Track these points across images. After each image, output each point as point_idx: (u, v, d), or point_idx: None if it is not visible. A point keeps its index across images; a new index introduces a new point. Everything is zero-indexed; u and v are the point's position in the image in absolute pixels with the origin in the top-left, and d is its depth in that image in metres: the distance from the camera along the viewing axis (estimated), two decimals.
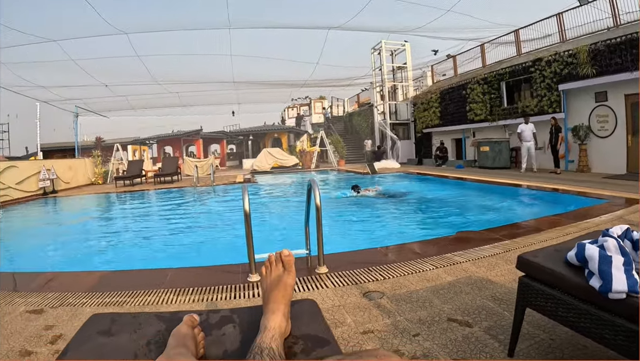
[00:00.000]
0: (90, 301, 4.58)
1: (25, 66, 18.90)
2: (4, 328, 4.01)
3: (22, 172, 19.40)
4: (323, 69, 23.40)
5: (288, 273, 1.52)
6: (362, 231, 9.48)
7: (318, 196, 4.78)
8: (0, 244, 10.91)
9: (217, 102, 32.47)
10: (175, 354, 1.22)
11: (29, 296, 4.94)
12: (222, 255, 7.60)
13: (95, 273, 5.90)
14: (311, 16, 16.69)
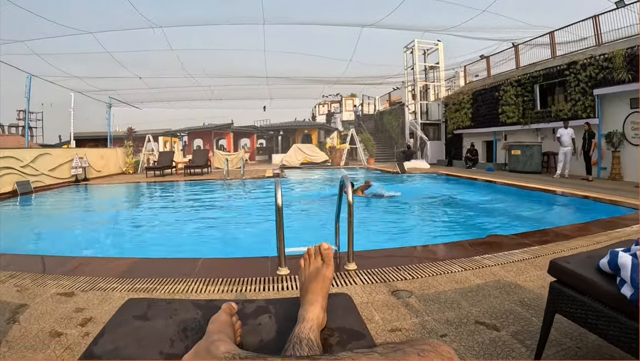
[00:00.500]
0: (120, 286, 4.68)
1: (61, 57, 19.18)
2: (34, 309, 4.11)
3: (55, 160, 19.79)
4: (356, 66, 23.31)
5: (327, 266, 1.53)
6: (389, 230, 9.46)
7: (350, 193, 4.80)
8: (33, 228, 11.16)
9: (249, 97, 32.54)
10: (216, 340, 1.24)
11: (60, 279, 5.06)
12: (250, 247, 7.67)
13: (125, 260, 5.99)
14: (346, 13, 16.61)
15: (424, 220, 10.75)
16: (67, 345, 3.34)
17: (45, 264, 6.00)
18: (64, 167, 20.42)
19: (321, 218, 10.83)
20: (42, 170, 18.74)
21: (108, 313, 3.93)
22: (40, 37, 16.32)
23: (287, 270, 4.97)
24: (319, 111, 54.84)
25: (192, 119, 46.26)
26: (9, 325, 3.79)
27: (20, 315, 3.99)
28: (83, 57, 19.54)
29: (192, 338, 1.43)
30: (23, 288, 4.76)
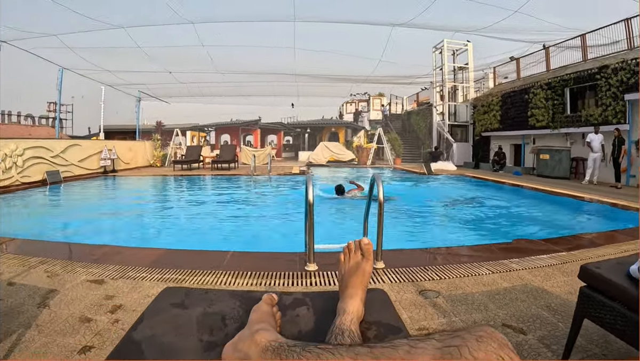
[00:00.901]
0: (149, 276, 4.75)
1: (93, 50, 19.40)
2: (64, 295, 4.20)
3: (85, 151, 20.09)
4: (385, 65, 23.21)
5: (366, 260, 1.53)
6: (416, 231, 9.45)
7: (381, 192, 4.80)
8: (62, 216, 11.33)
9: (277, 94, 32.58)
10: (260, 329, 1.26)
11: (90, 266, 5.16)
12: (277, 242, 7.72)
13: (154, 250, 6.09)
14: (377, 12, 16.53)
15: (450, 222, 10.70)
16: (97, 331, 3.41)
17: (75, 252, 6.11)
18: (93, 159, 20.72)
19: (347, 216, 10.85)
20: (72, 161, 19.06)
21: (138, 301, 4.02)
22: (73, 31, 16.54)
23: (315, 266, 5.01)
24: (346, 110, 54.73)
25: (220, 114, 46.57)
26: (39, 309, 3.87)
27: (50, 300, 4.08)
28: (114, 52, 19.74)
29: (230, 327, 1.46)
30: (53, 274, 4.86)
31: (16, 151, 15.51)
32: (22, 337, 3.35)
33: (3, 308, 3.89)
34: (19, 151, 15.64)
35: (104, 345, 3.18)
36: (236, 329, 1.39)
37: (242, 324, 1.41)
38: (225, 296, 1.69)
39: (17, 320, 3.65)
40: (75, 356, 3.00)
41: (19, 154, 15.67)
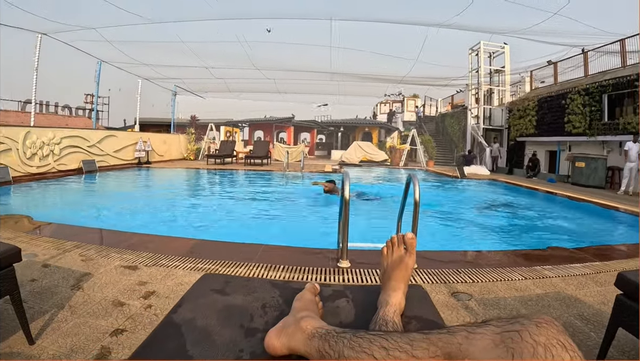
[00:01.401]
0: (182, 265, 4.81)
1: (131, 44, 19.63)
2: (98, 279, 4.27)
3: (120, 142, 20.47)
4: (421, 66, 23.06)
5: (409, 255, 1.54)
6: (449, 233, 9.40)
7: (418, 192, 4.76)
8: (97, 203, 11.53)
9: (312, 92, 32.64)
10: (305, 316, 1.28)
11: (124, 252, 5.25)
12: (307, 238, 7.72)
13: (187, 240, 6.15)
14: (414, 12, 16.43)
15: (483, 226, 10.58)
16: (129, 315, 3.46)
17: (109, 238, 6.22)
18: (128, 150, 21.07)
19: (379, 215, 10.83)
20: (107, 151, 19.43)
21: (171, 288, 4.07)
22: (112, 24, 16.78)
23: (348, 263, 5.01)
24: (380, 110, 54.41)
25: (254, 110, 46.82)
26: (73, 291, 3.95)
27: (84, 283, 4.15)
28: (152, 46, 19.96)
29: (271, 315, 1.47)
30: (87, 258, 4.94)
31: (54, 140, 15.85)
32: (54, 317, 3.42)
33: (37, 289, 3.98)
34: (56, 140, 15.99)
35: (135, 328, 3.22)
36: (276, 317, 1.42)
37: (282, 312, 1.44)
38: (266, 285, 1.71)
39: (50, 300, 3.72)
40: (106, 338, 3.04)
41: (57, 142, 16.01)
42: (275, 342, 1.24)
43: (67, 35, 18.14)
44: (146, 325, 3.27)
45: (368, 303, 1.53)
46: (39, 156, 15.11)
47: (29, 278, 4.16)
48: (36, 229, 6.71)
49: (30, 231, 6.58)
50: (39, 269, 4.55)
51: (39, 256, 5.01)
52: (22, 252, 2.96)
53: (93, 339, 3.04)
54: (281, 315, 1.42)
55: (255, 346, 1.29)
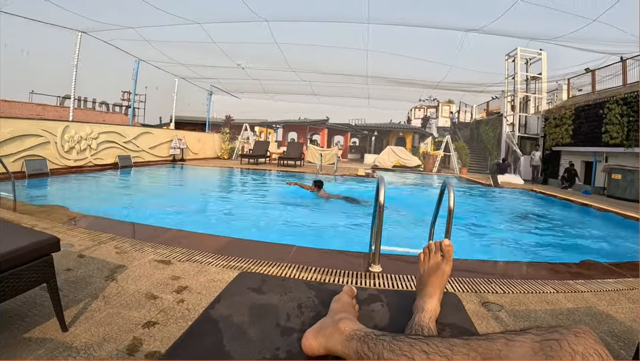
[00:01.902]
0: (215, 262, 4.84)
1: (169, 44, 19.88)
2: (132, 271, 4.34)
3: (156, 139, 20.82)
4: (456, 72, 22.88)
5: (446, 262, 1.55)
6: (481, 241, 9.33)
7: (452, 199, 4.73)
8: (131, 197, 11.74)
9: (346, 95, 32.56)
10: (343, 318, 1.30)
11: (158, 247, 5.32)
12: (339, 241, 7.73)
13: (220, 238, 6.19)
14: (451, 17, 16.30)
15: (515, 236, 10.44)
16: (161, 308, 3.50)
17: (144, 232, 6.31)
18: (163, 147, 21.42)
19: (410, 220, 10.78)
20: (143, 147, 19.79)
21: (204, 285, 4.11)
22: (151, 24, 17.02)
23: (380, 268, 4.99)
24: (414, 115, 54.05)
25: (288, 112, 47.13)
26: (107, 282, 4.02)
27: (118, 275, 4.22)
28: (189, 46, 20.17)
29: (307, 316, 1.51)
30: (122, 251, 5.02)
31: (91, 135, 16.19)
32: (88, 306, 3.49)
33: (72, 278, 4.05)
34: (93, 135, 16.32)
35: (167, 322, 3.26)
36: (312, 318, 1.46)
37: (318, 314, 1.48)
38: (301, 286, 1.76)
39: (84, 290, 3.79)
40: (139, 330, 3.08)
41: (94, 137, 16.35)
42: (312, 342, 1.27)
43: (106, 34, 18.45)
44: (178, 319, 3.31)
45: (402, 308, 1.56)
46: (76, 149, 15.45)
47: (64, 267, 4.23)
48: (72, 220, 6.84)
49: (66, 221, 6.70)
50: (74, 259, 4.64)
51: (75, 247, 5.11)
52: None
53: (125, 330, 3.09)
54: (317, 315, 1.46)
55: (292, 346, 1.33)
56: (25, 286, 2.75)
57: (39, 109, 37.92)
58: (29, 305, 3.42)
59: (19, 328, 3.03)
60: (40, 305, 3.45)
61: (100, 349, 2.78)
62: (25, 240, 2.84)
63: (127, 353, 2.73)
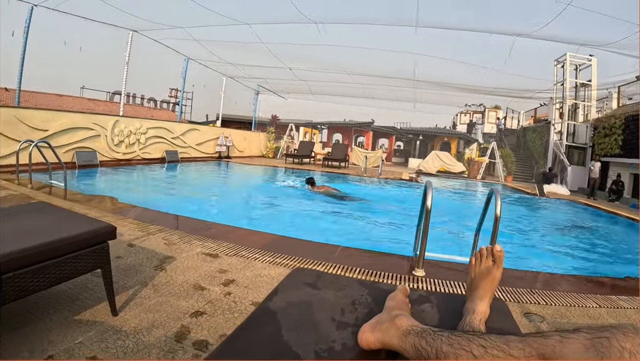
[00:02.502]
0: (261, 257, 4.91)
1: (218, 43, 20.10)
2: (180, 263, 4.44)
3: (203, 136, 21.20)
4: (504, 77, 22.52)
5: (497, 267, 1.58)
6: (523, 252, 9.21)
7: (499, 207, 4.67)
8: (178, 191, 11.99)
9: (392, 98, 32.39)
10: (399, 315, 1.34)
11: (206, 240, 5.42)
12: (382, 243, 7.73)
13: (266, 234, 6.26)
14: (500, 21, 16.09)
15: (558, 247, 10.25)
16: (209, 299, 3.58)
17: (192, 225, 6.41)
18: (210, 144, 21.78)
19: (453, 227, 10.71)
20: (190, 143, 20.18)
21: (250, 279, 4.18)
22: (201, 24, 17.28)
23: (424, 272, 4.97)
24: (460, 120, 53.36)
25: (334, 113, 47.19)
26: (156, 271, 4.13)
27: (166, 265, 4.33)
28: (238, 46, 20.35)
29: (360, 311, 1.55)
30: (171, 243, 5.14)
31: (140, 129, 16.58)
32: (138, 293, 3.60)
33: (122, 266, 4.18)
34: (142, 130, 16.72)
35: (215, 313, 3.33)
36: (366, 314, 1.51)
37: (371, 310, 1.53)
38: (354, 284, 1.81)
39: (134, 278, 3.91)
40: (186, 318, 3.16)
41: (143, 132, 16.75)
42: (369, 336, 1.31)
43: (156, 33, 18.80)
44: (225, 311, 3.37)
45: (451, 310, 1.59)
46: (125, 143, 15.86)
47: (115, 255, 4.35)
48: (121, 211, 7.01)
49: (116, 212, 6.87)
50: (124, 248, 4.77)
51: (125, 236, 5.25)
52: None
53: (173, 318, 3.17)
54: (370, 312, 1.51)
55: (347, 339, 1.37)
56: (82, 270, 2.87)
57: (89, 103, 38.91)
58: (80, 289, 3.56)
59: (70, 310, 3.16)
60: (91, 289, 3.57)
61: (149, 334, 2.87)
62: (84, 227, 2.97)
63: (175, 340, 2.81)
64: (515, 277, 5.52)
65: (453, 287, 4.61)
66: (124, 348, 2.65)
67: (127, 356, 2.57)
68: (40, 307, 3.19)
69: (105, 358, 2.53)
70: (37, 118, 12.68)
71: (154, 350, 2.67)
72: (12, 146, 11.45)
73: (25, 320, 2.96)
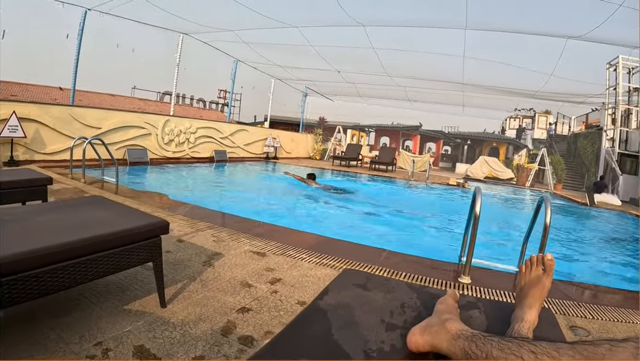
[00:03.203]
0: (308, 258, 4.96)
1: (267, 46, 20.30)
2: (228, 260, 4.52)
3: (251, 136, 21.51)
4: (555, 81, 22.06)
5: (547, 275, 1.59)
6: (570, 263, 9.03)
7: (549, 216, 4.59)
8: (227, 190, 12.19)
9: (440, 101, 32.11)
10: (449, 318, 1.36)
11: (254, 239, 5.49)
12: (429, 249, 7.68)
13: (313, 235, 6.31)
14: (551, 23, 15.74)
15: (607, 260, 9.99)
16: (255, 297, 3.63)
17: (240, 224, 6.51)
18: (258, 144, 22.04)
19: (499, 234, 10.56)
20: (238, 143, 20.51)
21: (297, 279, 4.22)
22: (250, 27, 17.48)
23: (469, 280, 4.91)
24: (509, 125, 52.29)
25: (381, 116, 46.85)
26: (204, 267, 4.21)
27: (215, 261, 4.41)
28: (286, 48, 20.49)
29: (409, 315, 1.58)
30: (219, 240, 5.23)
31: (190, 129, 16.93)
32: (186, 287, 3.68)
33: (171, 260, 4.29)
34: (192, 129, 17.06)
35: (261, 310, 3.37)
36: (415, 317, 1.53)
37: (420, 314, 1.56)
38: (403, 287, 1.84)
39: (183, 272, 4.00)
40: (233, 314, 3.22)
41: (192, 132, 17.10)
42: (418, 338, 1.33)
43: (206, 36, 19.11)
44: (271, 309, 3.41)
45: (499, 317, 1.60)
46: (175, 142, 16.22)
47: (164, 249, 4.40)
48: (171, 207, 7.17)
49: (165, 208, 7.04)
50: (174, 243, 4.88)
51: (174, 232, 5.36)
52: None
53: (220, 312, 3.23)
54: (419, 315, 1.54)
55: (395, 341, 1.40)
56: (135, 262, 2.99)
57: (140, 103, 39.83)
58: (130, 280, 3.67)
59: (120, 300, 3.27)
60: (141, 280, 3.68)
61: (195, 327, 2.93)
62: (140, 221, 3.11)
63: (221, 334, 2.86)
64: (562, 288, 5.42)
65: (500, 296, 4.55)
66: (171, 339, 2.72)
67: (174, 347, 2.63)
68: (94, 294, 3.32)
69: (152, 347, 2.61)
70: (91, 116, 13.09)
71: (200, 342, 2.73)
72: (65, 142, 11.96)
73: (77, 306, 3.10)
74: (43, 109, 11.87)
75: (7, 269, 2.14)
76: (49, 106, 12.37)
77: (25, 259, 2.24)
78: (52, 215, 3.12)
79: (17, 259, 2.19)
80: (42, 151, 11.66)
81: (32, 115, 11.41)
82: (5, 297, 2.16)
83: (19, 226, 2.74)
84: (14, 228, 2.66)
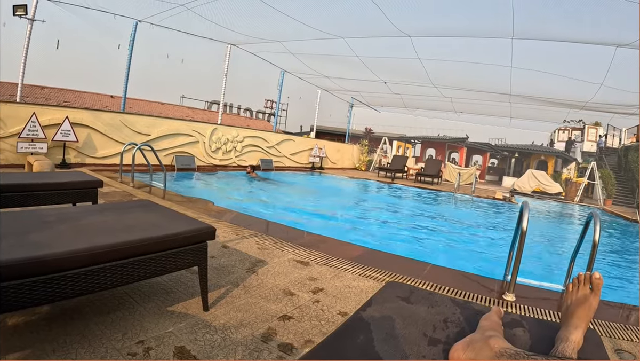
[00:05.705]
0: (351, 269, 4.95)
1: (313, 57, 20.41)
2: (272, 267, 4.56)
3: (297, 146, 21.68)
4: (605, 91, 21.49)
5: (595, 295, 1.56)
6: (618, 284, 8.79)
7: (598, 233, 4.45)
8: (272, 199, 12.32)
9: (487, 113, 31.69)
10: (493, 335, 1.36)
11: (298, 248, 5.54)
12: (473, 264, 7.60)
13: (356, 246, 6.32)
14: (600, 30, 15.36)
15: None
16: (297, 305, 3.66)
17: (284, 232, 6.58)
18: (304, 154, 22.17)
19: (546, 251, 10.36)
20: (284, 153, 20.72)
21: (339, 289, 4.23)
22: (297, 39, 17.63)
23: (514, 297, 4.80)
24: (558, 137, 50.91)
25: (427, 127, 46.47)
26: (248, 273, 4.27)
27: (258, 268, 4.46)
28: (333, 59, 20.55)
29: (452, 330, 1.59)
30: (263, 248, 5.29)
31: (237, 138, 17.22)
32: (229, 292, 3.74)
33: (215, 265, 4.36)
34: (239, 138, 17.34)
35: (302, 318, 3.40)
36: (457, 333, 1.54)
37: (463, 329, 1.57)
38: (447, 301, 1.85)
39: (226, 278, 4.07)
40: (274, 321, 3.25)
41: (239, 140, 17.37)
42: (461, 354, 1.34)
43: (253, 47, 19.35)
44: (312, 318, 3.43)
45: (544, 337, 1.58)
46: (222, 150, 16.56)
47: (209, 254, 4.46)
48: (217, 213, 7.28)
49: (211, 214, 7.15)
50: (218, 248, 4.96)
51: (219, 238, 5.45)
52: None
53: (262, 319, 3.27)
54: (461, 331, 1.54)
55: (437, 355, 1.41)
56: (181, 265, 3.09)
57: (188, 111, 40.55)
58: (175, 283, 3.77)
59: (164, 301, 3.36)
60: (185, 283, 3.78)
61: (236, 332, 2.98)
62: (188, 226, 3.21)
63: (261, 340, 2.89)
64: (608, 309, 5.29)
65: (545, 315, 4.45)
66: (212, 342, 2.77)
67: (215, 350, 2.68)
68: (139, 295, 3.42)
69: (192, 349, 2.66)
70: (141, 123, 13.43)
71: (240, 347, 2.77)
72: (115, 147, 12.43)
73: (122, 305, 3.20)
74: (95, 115, 12.25)
75: (55, 267, 2.23)
76: (101, 113, 12.79)
77: (72, 258, 2.34)
78: (101, 217, 3.24)
79: (64, 258, 2.29)
80: (92, 155, 12.05)
81: (85, 121, 11.80)
82: (56, 293, 2.25)
83: (70, 226, 2.86)
84: (64, 228, 2.77)
